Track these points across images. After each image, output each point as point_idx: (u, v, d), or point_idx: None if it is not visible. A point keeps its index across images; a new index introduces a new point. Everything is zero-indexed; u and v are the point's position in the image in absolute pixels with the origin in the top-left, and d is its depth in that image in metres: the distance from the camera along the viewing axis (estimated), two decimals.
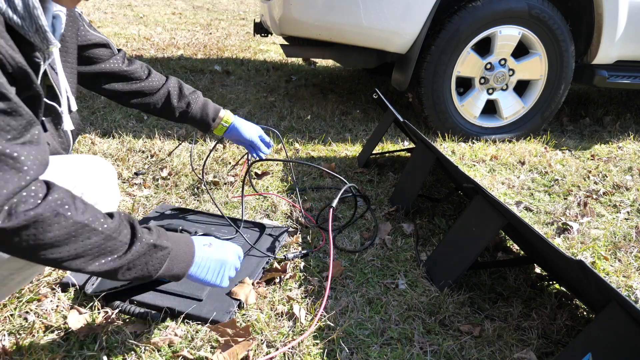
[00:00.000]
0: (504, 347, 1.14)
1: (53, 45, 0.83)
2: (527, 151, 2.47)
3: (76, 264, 0.80)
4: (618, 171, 2.30)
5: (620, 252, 1.58)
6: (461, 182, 1.51)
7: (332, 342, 1.13)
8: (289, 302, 1.26)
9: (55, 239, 0.75)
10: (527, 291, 1.36)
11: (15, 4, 0.75)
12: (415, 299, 1.28)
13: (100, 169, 1.09)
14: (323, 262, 1.45)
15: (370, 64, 2.58)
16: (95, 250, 0.80)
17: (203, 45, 4.87)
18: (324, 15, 2.30)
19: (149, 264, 0.88)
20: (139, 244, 0.86)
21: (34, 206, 0.72)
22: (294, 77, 3.86)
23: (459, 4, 2.39)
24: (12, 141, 0.72)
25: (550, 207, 1.89)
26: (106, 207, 1.07)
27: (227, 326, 1.09)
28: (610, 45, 2.48)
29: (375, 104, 3.18)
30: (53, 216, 0.74)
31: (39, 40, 0.80)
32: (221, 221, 1.61)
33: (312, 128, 2.69)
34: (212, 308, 1.18)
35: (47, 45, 0.82)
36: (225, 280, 1.04)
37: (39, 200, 0.73)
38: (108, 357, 1.06)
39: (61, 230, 0.75)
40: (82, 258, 0.79)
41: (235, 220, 1.62)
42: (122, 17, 6.52)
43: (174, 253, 0.93)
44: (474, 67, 2.48)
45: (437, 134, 2.59)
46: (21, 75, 0.78)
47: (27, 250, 0.74)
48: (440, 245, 1.42)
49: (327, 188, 1.95)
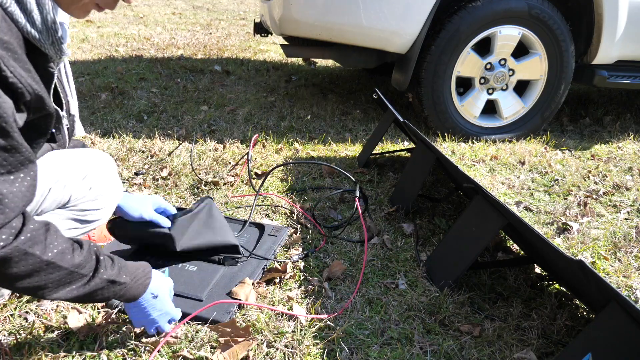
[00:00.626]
0: (504, 347, 1.14)
1: (65, 55, 0.87)
2: (527, 151, 2.47)
3: (37, 293, 0.84)
4: (618, 171, 2.30)
5: (620, 252, 1.58)
6: (461, 182, 1.51)
7: (332, 342, 1.13)
8: (289, 302, 1.26)
9: (18, 273, 0.79)
10: (527, 291, 1.36)
11: (34, 19, 0.78)
12: (415, 299, 1.28)
13: (103, 161, 1.13)
14: (323, 262, 1.45)
15: (370, 64, 2.58)
16: (56, 282, 0.84)
17: (203, 45, 4.87)
18: (324, 15, 2.30)
19: (104, 294, 0.93)
20: (98, 279, 0.90)
21: (5, 243, 0.75)
22: (294, 77, 3.86)
23: (459, 4, 2.38)
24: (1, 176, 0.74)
25: (550, 207, 1.89)
26: (113, 198, 1.12)
27: (227, 326, 1.09)
28: (610, 45, 2.48)
29: (375, 104, 3.18)
30: (21, 254, 0.78)
31: (53, 51, 0.83)
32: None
33: (312, 128, 2.69)
34: (212, 308, 1.18)
35: (61, 56, 0.85)
36: (163, 322, 1.06)
37: (11, 238, 0.76)
38: (108, 357, 1.06)
39: (27, 267, 0.79)
40: (43, 290, 0.84)
41: (239, 221, 1.61)
42: (122, 17, 6.52)
43: (129, 286, 0.97)
44: (474, 67, 2.48)
45: (437, 134, 2.59)
46: (37, 101, 0.81)
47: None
48: (440, 245, 1.42)
49: (327, 188, 1.95)
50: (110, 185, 1.11)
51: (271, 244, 1.49)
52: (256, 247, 1.46)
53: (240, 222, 1.61)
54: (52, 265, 0.82)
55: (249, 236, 1.53)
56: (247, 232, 1.55)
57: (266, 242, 1.50)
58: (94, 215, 1.08)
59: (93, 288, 0.90)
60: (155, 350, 1.04)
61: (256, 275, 1.33)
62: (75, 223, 1.04)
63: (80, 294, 0.88)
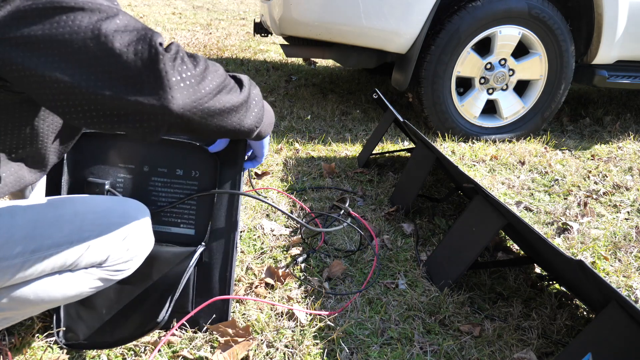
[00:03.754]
0: (504, 347, 1.14)
1: None
2: (527, 151, 2.47)
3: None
4: (618, 171, 2.30)
5: (620, 252, 1.58)
6: (461, 182, 1.51)
7: (332, 342, 1.13)
8: (289, 302, 1.26)
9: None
10: (527, 291, 1.36)
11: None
12: (415, 299, 1.28)
13: (142, 216, 1.00)
14: (323, 262, 1.45)
15: (370, 64, 2.58)
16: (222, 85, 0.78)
17: (203, 45, 4.87)
18: (324, 15, 2.30)
19: (257, 107, 0.88)
20: (246, 88, 0.85)
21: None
22: (294, 77, 3.86)
23: (459, 4, 2.39)
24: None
25: (550, 207, 1.89)
26: (144, 255, 1.01)
27: (227, 326, 1.09)
28: (610, 45, 2.48)
29: (375, 104, 3.18)
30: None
31: None
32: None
33: (312, 128, 2.69)
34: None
35: None
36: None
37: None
38: (108, 357, 1.06)
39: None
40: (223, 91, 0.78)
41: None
42: None
43: (265, 111, 0.95)
44: (474, 67, 2.48)
45: (437, 134, 2.59)
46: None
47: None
48: (440, 245, 1.42)
49: (327, 188, 1.95)
50: (146, 243, 1.00)
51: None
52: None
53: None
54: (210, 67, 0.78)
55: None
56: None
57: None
58: (122, 274, 0.97)
59: (246, 94, 0.85)
60: (155, 350, 1.04)
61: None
62: (102, 283, 0.94)
63: (244, 99, 0.84)
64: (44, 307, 0.88)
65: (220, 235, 1.14)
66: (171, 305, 1.05)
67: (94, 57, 0.65)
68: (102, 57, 0.65)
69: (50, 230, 0.83)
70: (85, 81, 0.65)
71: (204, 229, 1.15)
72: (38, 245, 0.81)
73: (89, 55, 0.65)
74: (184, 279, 1.06)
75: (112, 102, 0.67)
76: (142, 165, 1.16)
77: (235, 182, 1.14)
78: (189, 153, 1.15)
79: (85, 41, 0.64)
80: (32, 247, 0.80)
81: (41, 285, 0.84)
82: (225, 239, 1.14)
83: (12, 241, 0.78)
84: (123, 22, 0.68)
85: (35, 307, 0.87)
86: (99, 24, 0.65)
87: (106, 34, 0.65)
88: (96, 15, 0.65)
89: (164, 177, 1.15)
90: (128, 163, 1.16)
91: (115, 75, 0.66)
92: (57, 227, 0.84)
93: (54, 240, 0.83)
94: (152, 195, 1.15)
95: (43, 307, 0.89)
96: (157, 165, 1.16)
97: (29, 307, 0.86)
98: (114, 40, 0.66)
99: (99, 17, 0.66)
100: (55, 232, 0.83)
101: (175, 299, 1.06)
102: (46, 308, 0.90)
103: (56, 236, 0.83)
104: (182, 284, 1.06)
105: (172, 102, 0.69)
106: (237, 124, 0.83)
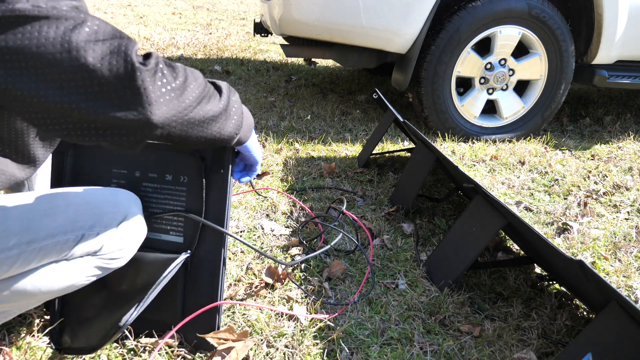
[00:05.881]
0: (504, 347, 1.14)
1: None
2: (527, 151, 2.47)
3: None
4: (618, 171, 2.30)
5: (620, 252, 1.58)
6: (461, 182, 1.51)
7: (332, 342, 1.13)
8: (288, 302, 1.26)
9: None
10: (527, 291, 1.36)
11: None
12: (415, 299, 1.28)
13: (135, 205, 1.03)
14: (323, 262, 1.45)
15: (370, 64, 2.58)
16: (202, 94, 0.78)
17: (203, 45, 4.87)
18: (324, 15, 2.30)
19: (236, 114, 0.88)
20: (225, 95, 0.85)
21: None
22: (294, 77, 3.86)
23: (459, 4, 2.39)
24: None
25: (550, 207, 1.89)
26: (138, 243, 1.03)
27: (226, 332, 1.09)
28: (610, 45, 2.48)
29: (375, 104, 3.18)
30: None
31: None
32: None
33: (312, 128, 2.69)
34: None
35: None
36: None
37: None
38: (108, 357, 1.06)
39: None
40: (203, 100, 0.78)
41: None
42: (122, 17, 6.52)
43: (244, 117, 0.94)
44: (474, 67, 2.48)
45: (437, 134, 2.59)
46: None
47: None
48: (440, 245, 1.42)
49: (327, 188, 1.95)
50: (139, 230, 1.01)
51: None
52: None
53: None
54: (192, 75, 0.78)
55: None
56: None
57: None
58: (118, 262, 0.99)
59: (225, 102, 0.85)
60: (155, 350, 1.04)
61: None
62: (99, 271, 0.96)
63: (224, 107, 0.84)
64: (41, 298, 0.89)
65: (209, 243, 1.11)
66: (138, 310, 1.00)
67: (67, 72, 0.62)
68: (76, 73, 0.62)
69: (45, 221, 0.84)
70: (59, 96, 0.63)
71: (192, 237, 1.12)
72: (33, 237, 0.82)
73: (60, 70, 0.62)
74: (157, 284, 1.02)
75: (89, 117, 0.65)
76: (133, 171, 1.15)
77: (223, 189, 1.11)
78: (177, 158, 1.13)
79: (55, 55, 0.61)
80: (27, 238, 0.81)
81: (39, 276, 0.85)
82: (214, 247, 1.11)
83: (7, 234, 0.79)
84: (92, 29, 0.64)
85: (33, 299, 0.88)
86: (67, 36, 0.61)
87: (77, 47, 0.62)
88: (63, 25, 0.61)
89: (154, 183, 1.14)
90: (121, 168, 1.15)
91: (91, 90, 0.64)
92: (51, 218, 0.85)
93: (48, 231, 0.84)
94: (143, 201, 1.14)
95: (41, 299, 0.90)
96: (147, 171, 1.15)
97: (27, 299, 0.87)
98: (87, 55, 0.62)
99: (66, 27, 0.62)
100: (50, 223, 0.85)
101: (147, 304, 1.01)
102: (44, 299, 0.91)
103: (50, 227, 0.84)
104: (155, 289, 1.02)
105: (152, 117, 0.68)
106: (217, 132, 0.84)
